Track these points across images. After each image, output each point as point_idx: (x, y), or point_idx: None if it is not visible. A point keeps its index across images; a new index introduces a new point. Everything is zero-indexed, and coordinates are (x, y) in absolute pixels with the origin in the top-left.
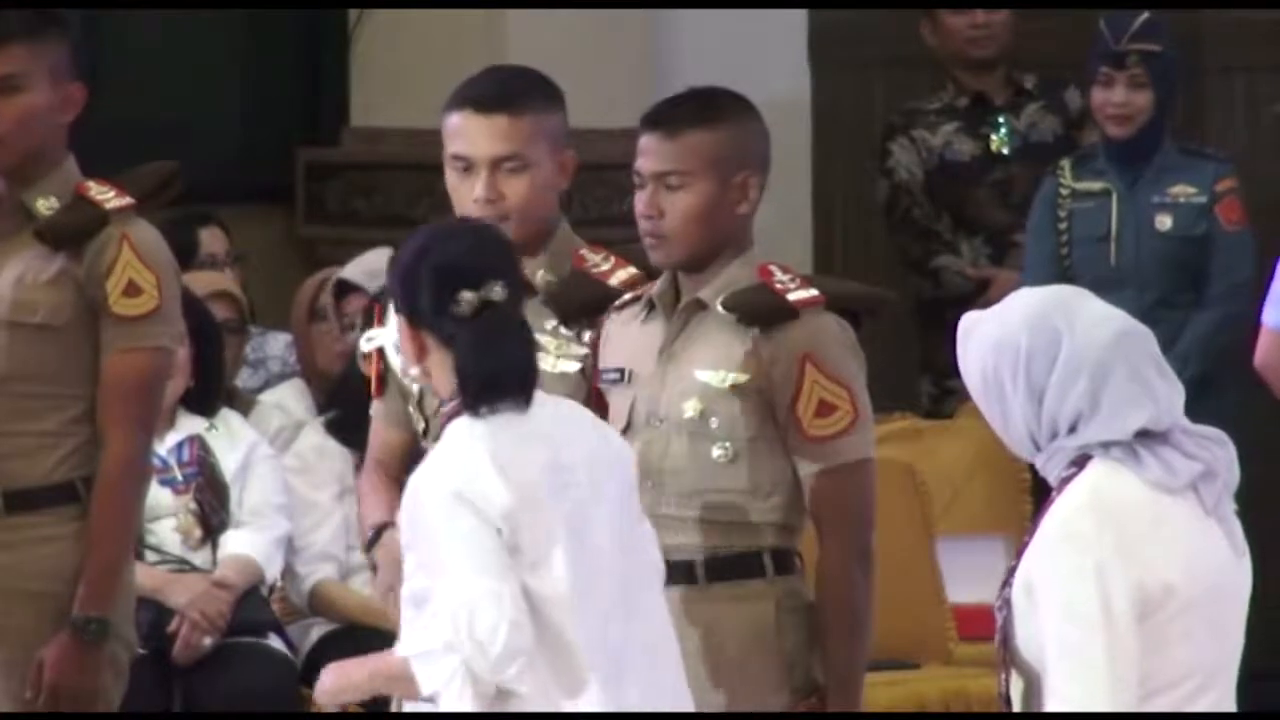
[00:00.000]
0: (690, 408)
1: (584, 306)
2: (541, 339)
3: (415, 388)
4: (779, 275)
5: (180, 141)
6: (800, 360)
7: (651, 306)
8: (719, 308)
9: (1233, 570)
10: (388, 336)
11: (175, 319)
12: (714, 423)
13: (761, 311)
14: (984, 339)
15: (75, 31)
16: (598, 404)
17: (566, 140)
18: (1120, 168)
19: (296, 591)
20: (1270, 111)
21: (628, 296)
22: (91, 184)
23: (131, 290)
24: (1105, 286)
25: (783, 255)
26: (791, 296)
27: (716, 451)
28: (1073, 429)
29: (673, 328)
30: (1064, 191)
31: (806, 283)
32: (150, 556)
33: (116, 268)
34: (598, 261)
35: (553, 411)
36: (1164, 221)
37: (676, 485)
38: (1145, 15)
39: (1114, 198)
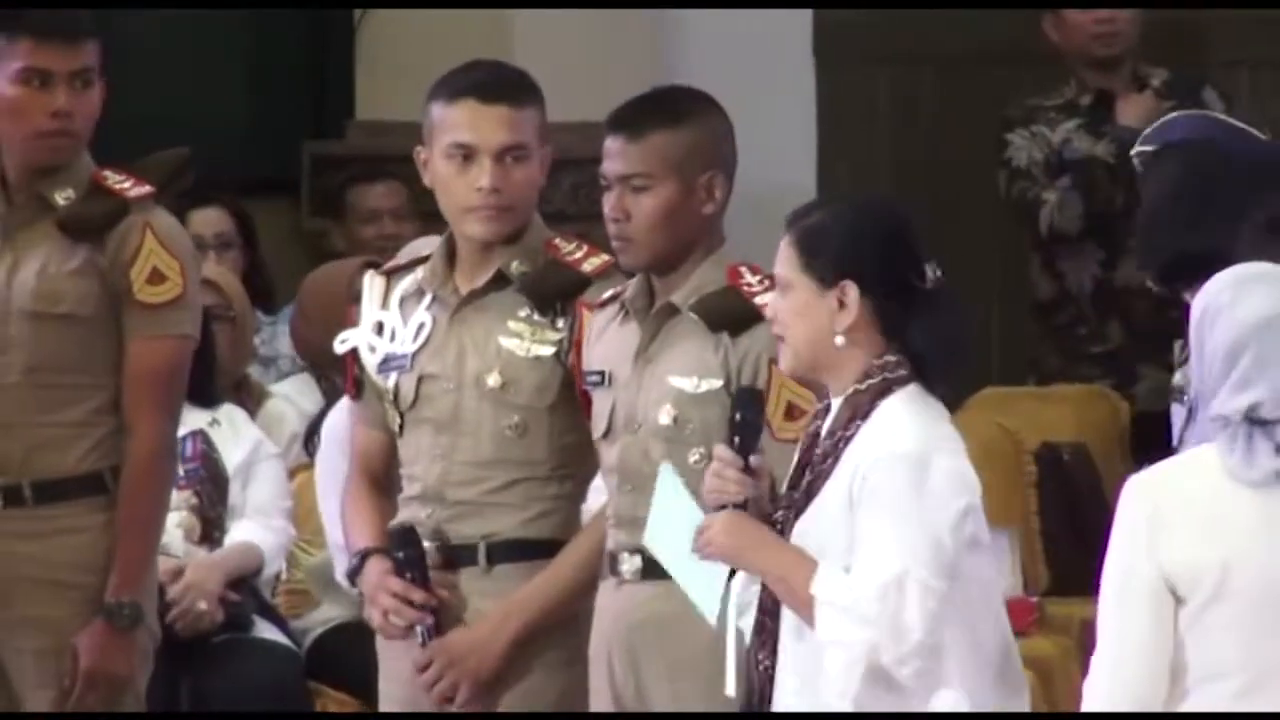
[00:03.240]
0: (665, 414)
1: (557, 292)
2: (515, 326)
3: (390, 384)
4: (747, 277)
5: (186, 135)
6: (768, 364)
7: (626, 309)
8: (690, 312)
9: None
10: (361, 337)
11: (196, 306)
12: (689, 429)
13: (729, 316)
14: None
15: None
16: (584, 404)
17: (547, 136)
18: None
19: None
20: (1277, 105)
21: (606, 295)
22: (108, 173)
23: (155, 278)
24: None
25: None
26: (759, 299)
27: (694, 456)
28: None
29: (646, 332)
30: None
31: (771, 283)
32: None
33: (140, 256)
34: (571, 249)
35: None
36: None
37: (652, 485)
38: None
39: None
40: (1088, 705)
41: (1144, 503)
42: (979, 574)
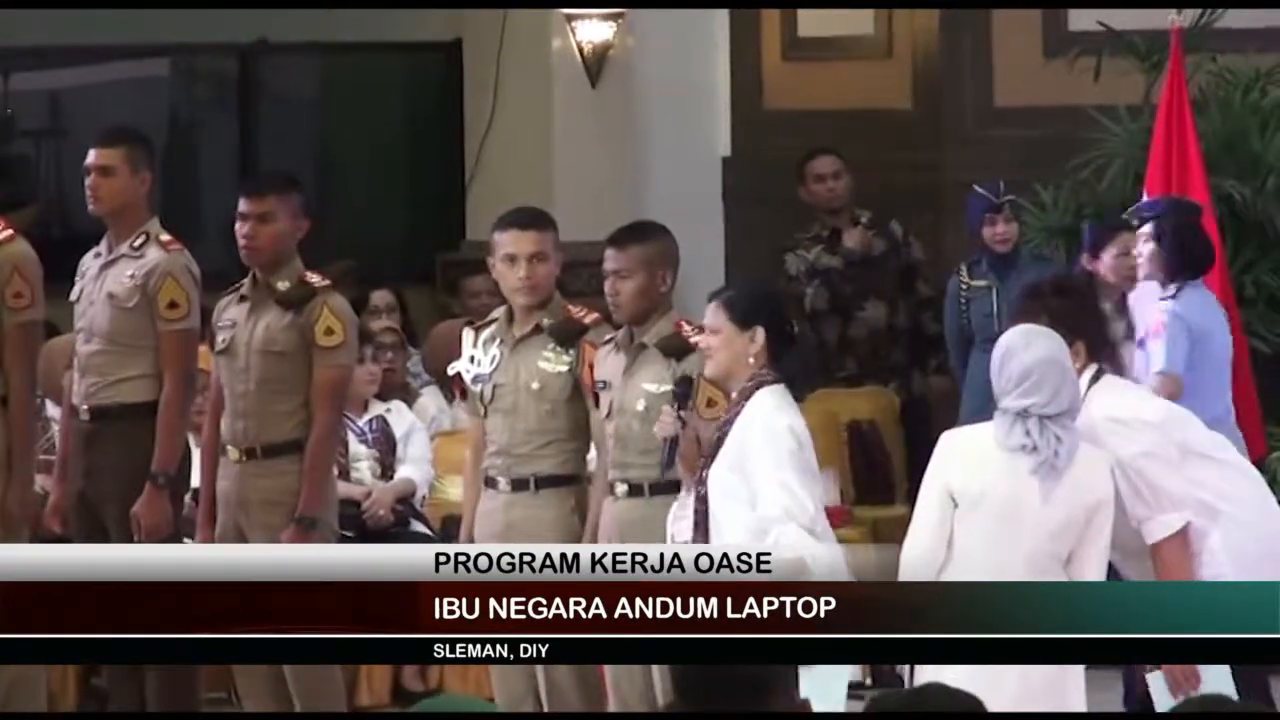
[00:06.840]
0: (640, 405)
1: (570, 335)
2: (546, 354)
3: (479, 389)
4: (685, 327)
5: (373, 249)
6: (697, 375)
7: (618, 346)
8: (654, 347)
9: (1032, 508)
10: (461, 365)
11: (354, 349)
12: (653, 412)
13: (675, 349)
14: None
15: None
16: (594, 399)
17: (560, 247)
18: (998, 272)
19: None
20: None
21: (606, 338)
22: (308, 272)
23: (328, 332)
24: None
25: None
26: (692, 340)
27: (655, 428)
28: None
29: (629, 358)
30: (963, 285)
31: (700, 330)
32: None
33: (320, 319)
34: (576, 311)
35: None
36: None
37: (635, 445)
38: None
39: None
40: (903, 554)
41: (945, 447)
42: None
